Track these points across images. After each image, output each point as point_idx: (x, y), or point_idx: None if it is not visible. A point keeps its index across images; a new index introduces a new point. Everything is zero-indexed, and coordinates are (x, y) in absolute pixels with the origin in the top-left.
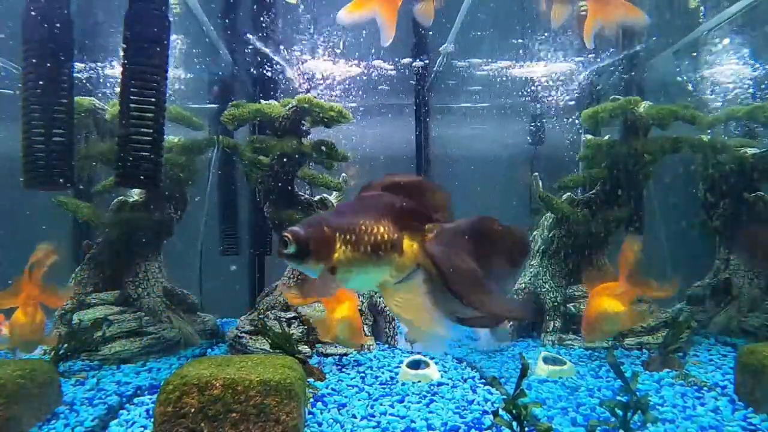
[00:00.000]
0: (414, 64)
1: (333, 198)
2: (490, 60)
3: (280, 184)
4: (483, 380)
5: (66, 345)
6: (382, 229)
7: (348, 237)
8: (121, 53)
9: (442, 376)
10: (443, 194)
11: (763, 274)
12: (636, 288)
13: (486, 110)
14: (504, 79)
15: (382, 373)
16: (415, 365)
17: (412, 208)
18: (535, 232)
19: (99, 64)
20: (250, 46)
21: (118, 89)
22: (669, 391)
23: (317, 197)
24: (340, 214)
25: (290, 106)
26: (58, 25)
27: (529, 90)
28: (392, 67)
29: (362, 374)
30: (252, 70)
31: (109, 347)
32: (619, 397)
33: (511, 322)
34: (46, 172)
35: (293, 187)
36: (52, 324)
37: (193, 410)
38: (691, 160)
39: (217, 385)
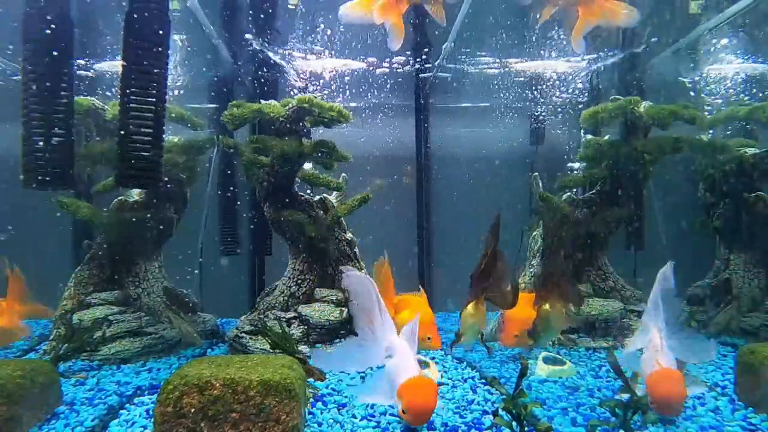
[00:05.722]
0: (421, 73)
1: (333, 198)
2: (489, 59)
3: (280, 184)
4: (483, 380)
5: (66, 345)
6: None
7: None
8: (121, 53)
9: (442, 376)
10: None
11: (763, 273)
12: None
13: (486, 110)
14: (504, 78)
15: None
16: None
17: None
18: (535, 232)
19: (99, 63)
20: (251, 46)
21: (118, 89)
22: None
23: (317, 197)
24: None
25: (290, 106)
26: (58, 24)
27: (529, 89)
28: (391, 67)
29: (362, 374)
30: (252, 70)
31: (109, 347)
32: (619, 397)
33: None
34: (46, 172)
35: (293, 187)
36: (53, 324)
37: (193, 410)
38: (691, 160)
39: (217, 385)
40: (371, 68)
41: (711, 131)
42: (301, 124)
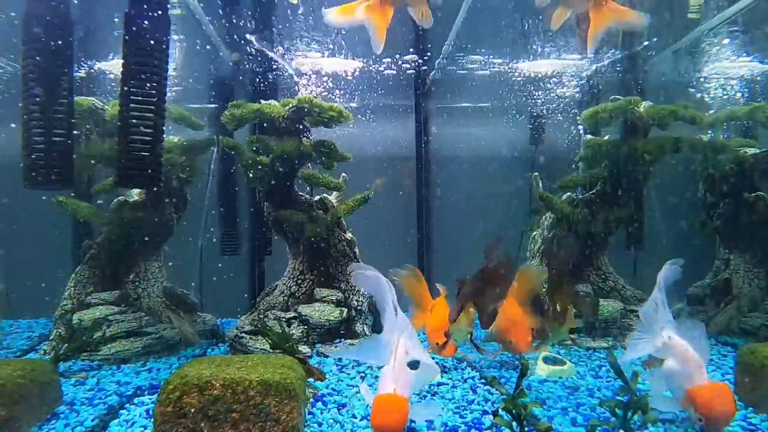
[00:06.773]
0: (421, 73)
1: (333, 198)
2: (488, 58)
3: (279, 184)
4: (483, 380)
5: (66, 345)
6: None
7: None
8: (121, 53)
9: (442, 376)
10: None
11: (763, 273)
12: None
13: (486, 110)
14: (503, 78)
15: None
16: (415, 365)
17: None
18: (535, 232)
19: (99, 63)
20: (251, 45)
21: (118, 89)
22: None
23: (317, 197)
24: None
25: (290, 106)
26: (57, 25)
27: (528, 89)
28: (392, 66)
29: (362, 374)
30: (252, 69)
31: (109, 347)
32: (619, 397)
33: None
34: (46, 172)
35: (293, 187)
36: (53, 324)
37: (193, 410)
38: (691, 160)
39: (217, 385)
40: (372, 68)
41: (710, 131)
42: (300, 124)
